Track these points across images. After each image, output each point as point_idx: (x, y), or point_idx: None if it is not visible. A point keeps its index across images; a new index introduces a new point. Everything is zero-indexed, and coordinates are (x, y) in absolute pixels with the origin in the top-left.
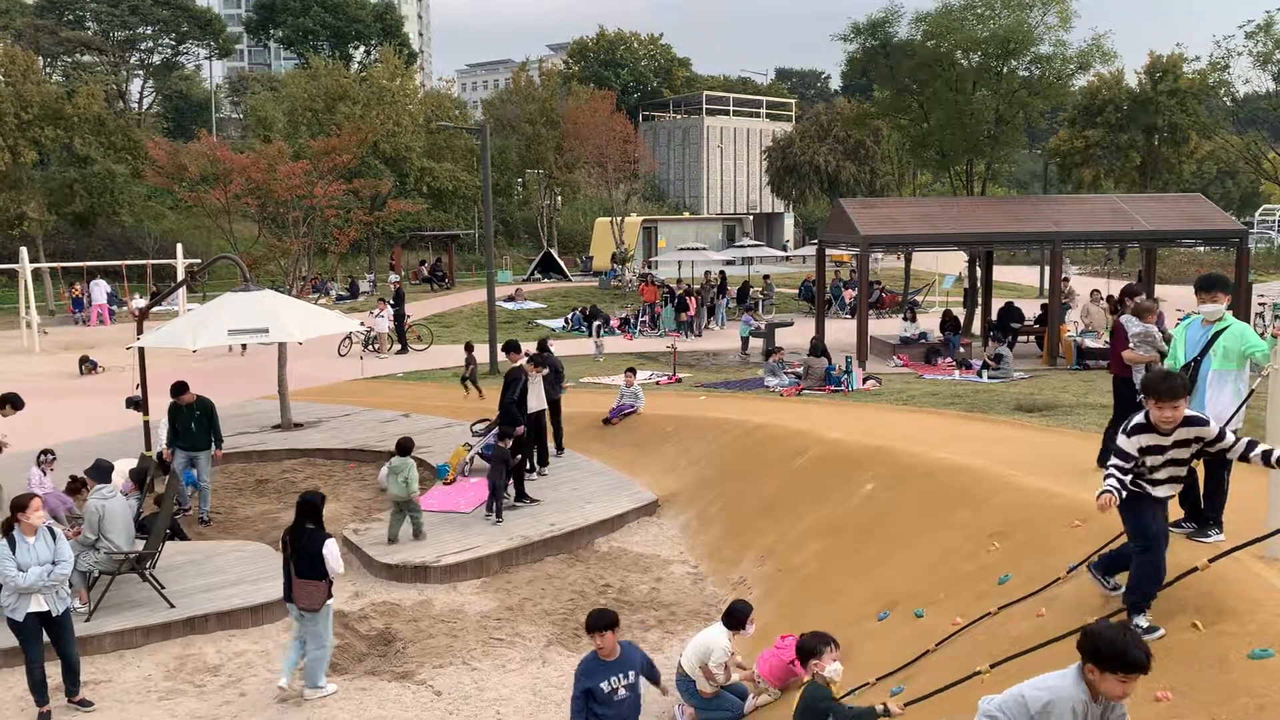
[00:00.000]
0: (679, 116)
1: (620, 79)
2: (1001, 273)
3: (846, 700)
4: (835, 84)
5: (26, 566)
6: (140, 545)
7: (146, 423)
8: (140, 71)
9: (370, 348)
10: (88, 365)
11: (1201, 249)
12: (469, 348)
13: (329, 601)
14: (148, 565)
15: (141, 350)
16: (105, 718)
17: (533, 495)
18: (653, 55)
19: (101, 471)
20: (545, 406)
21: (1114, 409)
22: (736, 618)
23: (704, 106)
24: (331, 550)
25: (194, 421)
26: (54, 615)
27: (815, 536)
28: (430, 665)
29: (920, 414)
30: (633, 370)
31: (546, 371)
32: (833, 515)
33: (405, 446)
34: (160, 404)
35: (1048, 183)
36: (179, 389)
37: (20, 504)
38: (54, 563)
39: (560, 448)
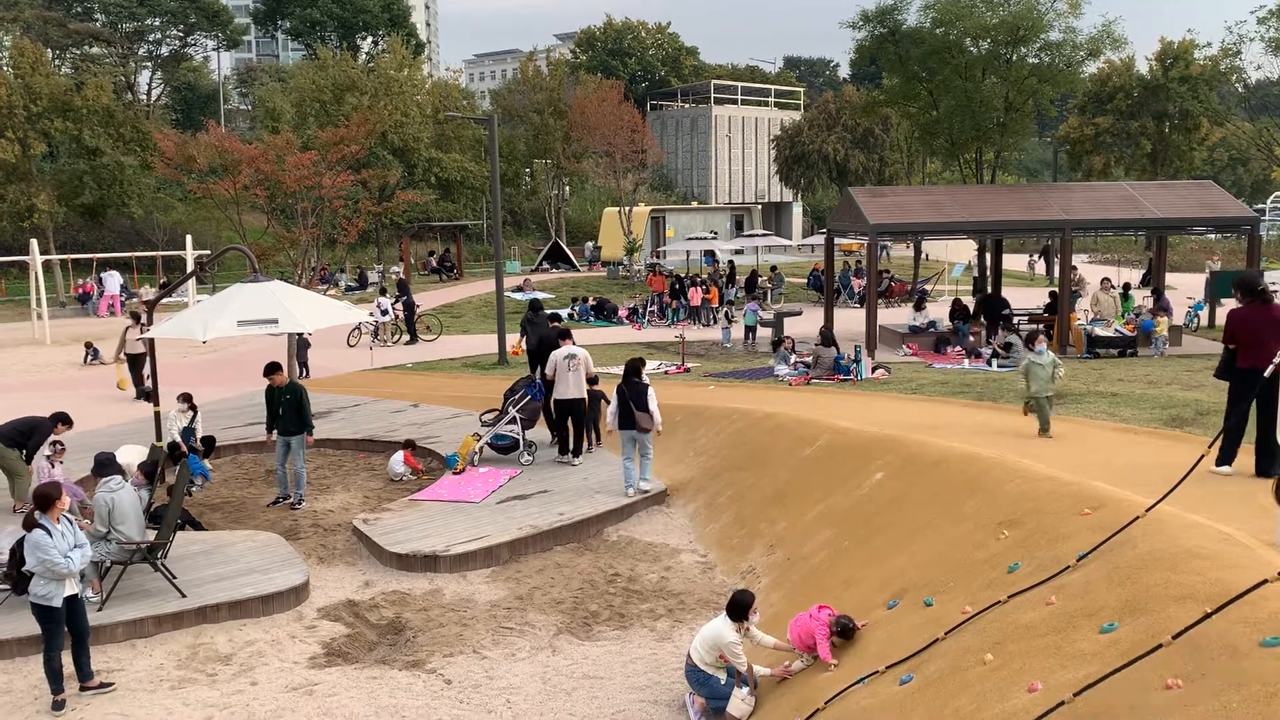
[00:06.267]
0: (687, 106)
1: (628, 68)
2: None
3: (854, 689)
4: (844, 72)
5: (63, 553)
6: (152, 535)
7: (157, 413)
8: (148, 63)
9: (378, 338)
10: (91, 353)
11: (1213, 236)
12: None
13: (650, 429)
14: (159, 555)
15: (151, 341)
16: (118, 705)
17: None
18: (660, 44)
19: (103, 465)
20: (583, 395)
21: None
22: (739, 608)
23: (712, 95)
24: (653, 395)
25: (282, 405)
26: (78, 596)
27: (824, 525)
28: (440, 654)
29: (929, 403)
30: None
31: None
32: (842, 504)
33: (1032, 336)
34: (168, 395)
35: (1058, 170)
36: (271, 369)
37: (52, 493)
38: (77, 546)
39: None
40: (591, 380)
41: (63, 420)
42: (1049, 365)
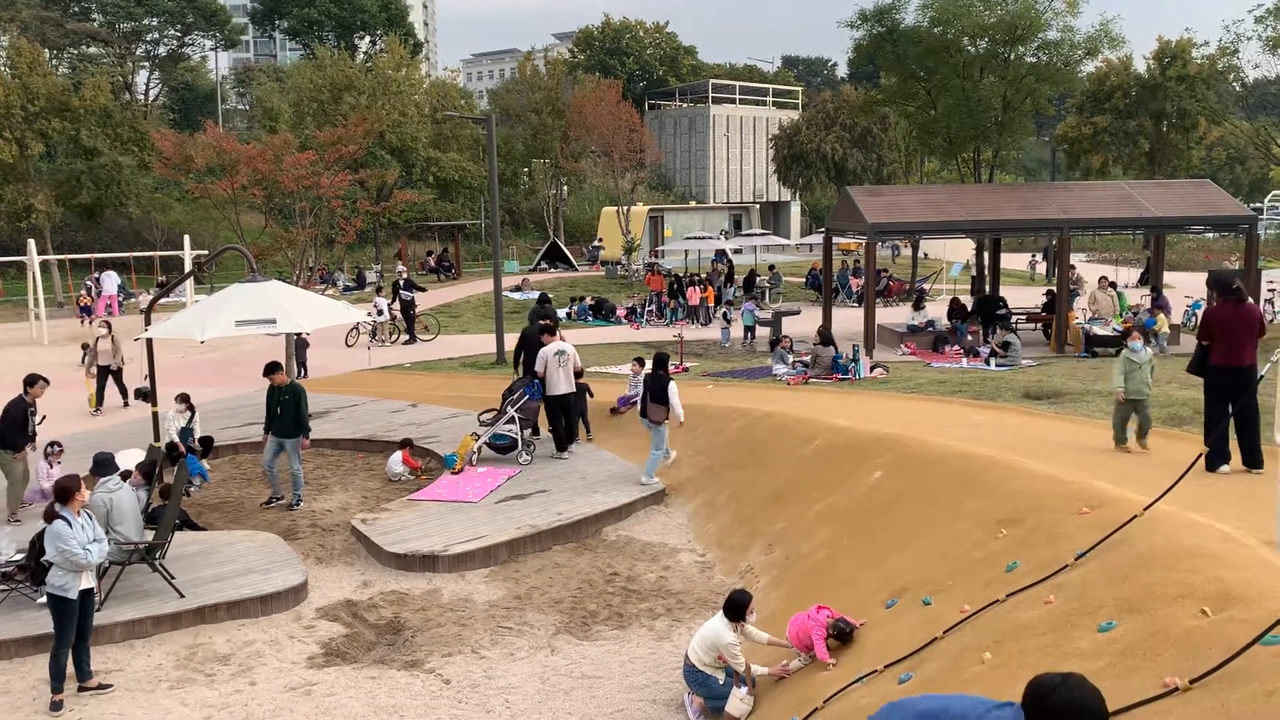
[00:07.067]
0: (685, 105)
1: (626, 68)
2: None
3: (853, 688)
4: (842, 71)
5: (83, 545)
6: (149, 536)
7: (155, 414)
8: (146, 63)
9: (376, 338)
10: (88, 354)
11: (1211, 235)
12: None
13: (666, 420)
14: (157, 555)
15: (149, 341)
16: (116, 706)
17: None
18: (658, 44)
19: (102, 465)
20: (573, 389)
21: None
22: (736, 608)
23: (710, 95)
24: (673, 389)
25: (281, 405)
26: (93, 591)
27: (823, 524)
28: (439, 654)
29: (928, 402)
30: (640, 360)
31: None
32: (841, 503)
33: (1127, 331)
34: (166, 395)
35: (1055, 169)
36: (271, 369)
37: (72, 486)
38: (95, 540)
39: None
40: (578, 374)
41: (31, 382)
42: (1146, 364)
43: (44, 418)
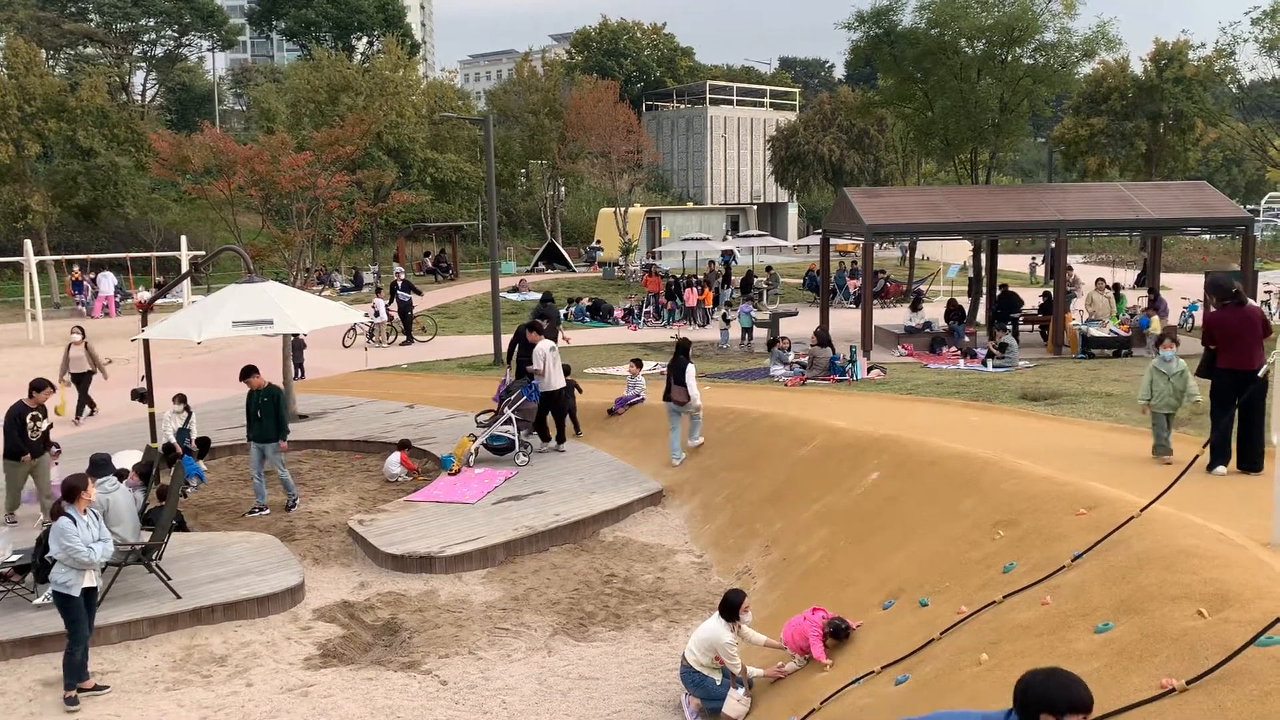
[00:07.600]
0: (682, 106)
1: (623, 69)
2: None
3: (850, 689)
4: (839, 73)
5: (87, 543)
6: (146, 537)
7: (152, 415)
8: (143, 64)
9: (373, 339)
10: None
11: (1207, 237)
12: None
13: (686, 401)
14: (154, 556)
15: (146, 342)
16: (112, 707)
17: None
18: (656, 45)
19: (99, 466)
20: (564, 384)
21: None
22: (730, 608)
23: (707, 96)
24: (690, 371)
25: (260, 409)
26: (96, 591)
27: (820, 525)
28: (436, 655)
29: (925, 403)
30: (638, 361)
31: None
32: (838, 504)
33: (1161, 338)
34: (164, 396)
35: (1052, 171)
36: (247, 372)
37: (79, 484)
38: (100, 539)
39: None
40: (564, 369)
41: (38, 387)
42: (1174, 376)
43: (51, 425)
